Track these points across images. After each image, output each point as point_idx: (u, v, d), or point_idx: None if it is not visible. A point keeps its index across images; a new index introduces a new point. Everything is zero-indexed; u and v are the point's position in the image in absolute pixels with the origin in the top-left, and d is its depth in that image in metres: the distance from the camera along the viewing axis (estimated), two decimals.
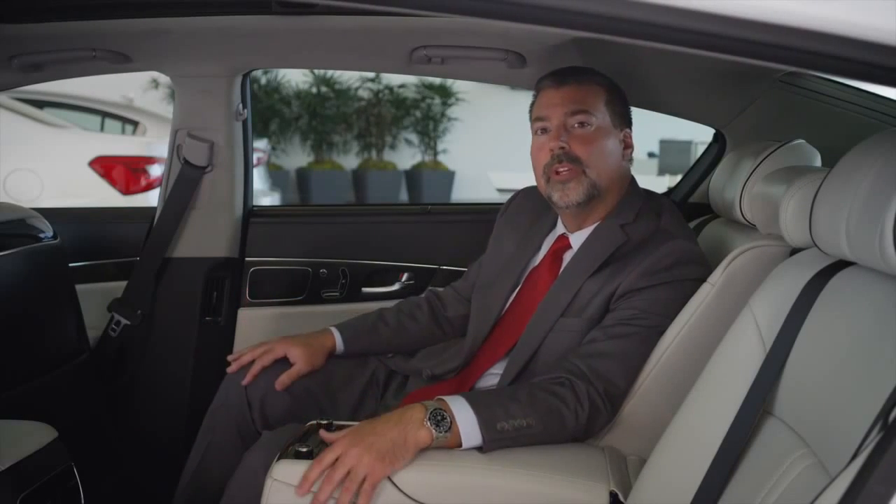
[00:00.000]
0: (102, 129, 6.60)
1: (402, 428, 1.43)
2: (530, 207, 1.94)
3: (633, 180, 1.82)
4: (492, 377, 1.79)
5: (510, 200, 2.04)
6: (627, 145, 1.79)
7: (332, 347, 1.92)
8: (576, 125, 1.73)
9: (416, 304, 2.05)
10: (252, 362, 1.84)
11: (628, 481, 1.49)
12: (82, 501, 1.64)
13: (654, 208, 1.78)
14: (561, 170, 1.71)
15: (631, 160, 1.81)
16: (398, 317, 2.01)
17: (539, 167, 1.76)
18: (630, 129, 1.81)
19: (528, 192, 2.00)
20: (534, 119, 1.78)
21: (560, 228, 1.84)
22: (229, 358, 1.89)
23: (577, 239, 1.79)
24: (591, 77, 1.78)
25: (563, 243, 1.82)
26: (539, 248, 1.87)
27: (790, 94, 2.26)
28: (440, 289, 2.13)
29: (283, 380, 1.81)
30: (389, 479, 1.42)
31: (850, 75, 0.89)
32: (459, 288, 2.07)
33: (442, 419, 1.45)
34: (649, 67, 2.09)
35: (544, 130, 1.76)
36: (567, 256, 1.80)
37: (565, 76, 1.76)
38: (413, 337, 2.00)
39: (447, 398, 1.49)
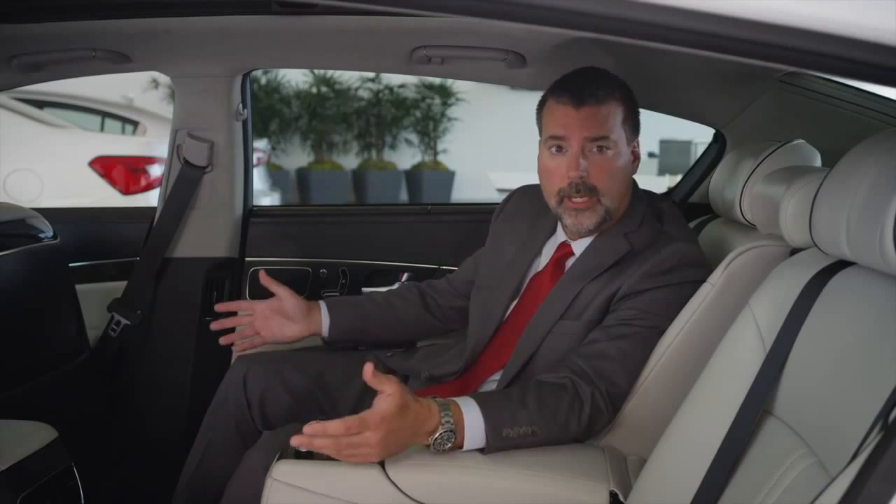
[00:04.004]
0: (102, 129, 6.60)
1: (415, 435, 1.44)
2: (527, 208, 1.92)
3: (634, 185, 1.81)
4: (493, 384, 1.78)
5: (506, 201, 2.02)
6: (636, 157, 1.76)
7: (316, 310, 1.93)
8: (594, 149, 1.67)
9: (405, 287, 2.07)
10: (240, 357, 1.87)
11: (628, 481, 1.49)
12: (82, 501, 1.64)
13: (655, 213, 1.77)
14: (577, 199, 1.68)
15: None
16: (386, 295, 2.02)
17: (552, 188, 1.71)
18: (638, 136, 1.77)
19: (524, 191, 1.98)
20: (547, 135, 1.71)
21: (561, 235, 1.82)
22: (214, 326, 1.92)
23: (580, 246, 1.78)
24: (610, 93, 1.69)
25: (565, 251, 1.80)
26: (540, 252, 1.86)
27: (790, 94, 2.26)
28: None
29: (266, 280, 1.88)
30: (389, 479, 1.43)
31: (850, 75, 0.89)
32: (453, 280, 2.05)
33: (447, 440, 1.45)
34: (649, 67, 2.08)
35: (559, 149, 1.70)
36: (569, 263, 1.79)
37: (583, 95, 1.67)
38: (400, 315, 1.99)
39: (459, 400, 1.49)
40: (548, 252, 1.85)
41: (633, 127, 1.74)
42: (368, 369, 1.43)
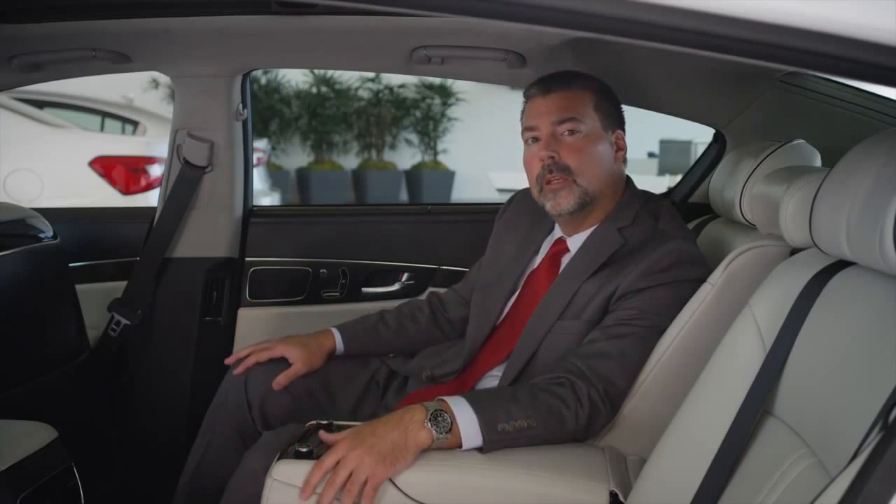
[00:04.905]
0: (102, 129, 6.60)
1: (402, 429, 1.42)
2: (529, 209, 1.92)
3: (629, 182, 1.82)
4: (492, 379, 1.78)
5: (509, 202, 2.03)
6: (620, 147, 1.78)
7: (331, 348, 1.92)
8: (565, 133, 1.72)
9: (417, 307, 2.05)
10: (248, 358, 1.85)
11: (628, 481, 1.49)
12: (82, 501, 1.64)
13: (651, 210, 1.78)
14: (552, 180, 1.72)
15: (625, 161, 1.81)
16: (399, 318, 2.01)
17: (532, 176, 1.76)
18: (622, 130, 1.80)
19: (527, 193, 1.98)
20: (524, 129, 1.78)
21: (558, 232, 1.84)
22: (227, 361, 1.89)
23: (575, 242, 1.79)
24: (578, 82, 1.76)
25: (560, 247, 1.81)
26: (538, 251, 1.87)
27: (790, 94, 2.26)
28: (442, 290, 2.13)
29: (280, 380, 1.81)
30: (389, 478, 1.42)
31: (850, 75, 0.89)
32: (460, 290, 2.07)
33: (442, 420, 1.44)
34: (649, 68, 2.09)
35: (535, 140, 1.75)
36: (565, 260, 1.80)
37: (550, 84, 1.75)
38: (413, 339, 2.00)
39: (448, 399, 1.49)
40: (545, 250, 1.85)
41: (609, 116, 1.77)
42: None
